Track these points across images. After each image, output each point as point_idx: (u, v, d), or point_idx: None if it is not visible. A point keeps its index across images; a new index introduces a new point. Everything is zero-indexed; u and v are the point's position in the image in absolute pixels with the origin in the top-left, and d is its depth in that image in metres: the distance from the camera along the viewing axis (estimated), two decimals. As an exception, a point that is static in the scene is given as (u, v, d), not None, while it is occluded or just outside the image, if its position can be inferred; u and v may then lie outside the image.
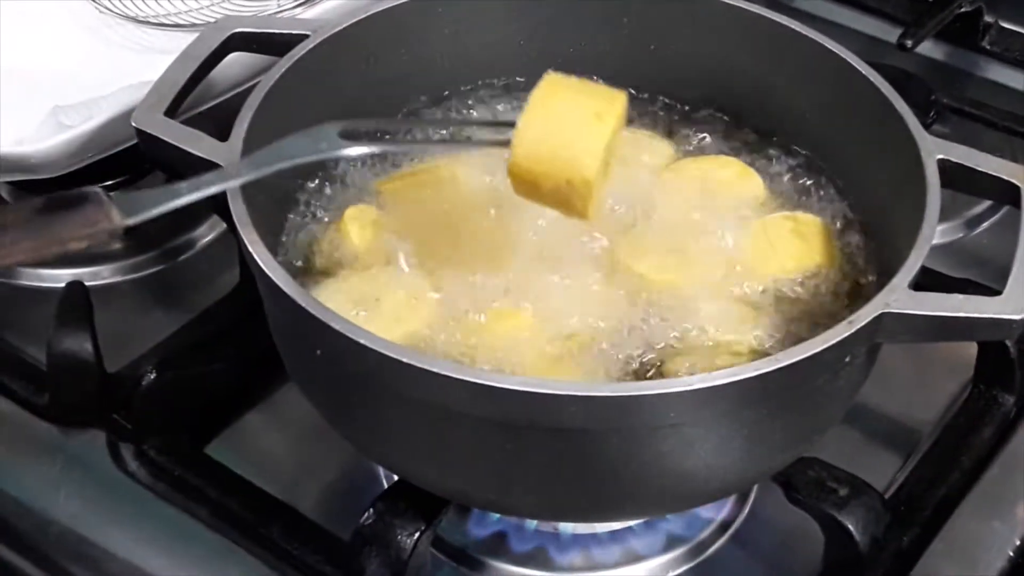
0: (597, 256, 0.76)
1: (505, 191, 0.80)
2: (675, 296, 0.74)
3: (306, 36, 0.79)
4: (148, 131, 0.74)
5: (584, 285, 0.75)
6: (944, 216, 0.70)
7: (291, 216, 0.79)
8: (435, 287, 0.74)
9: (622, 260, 0.76)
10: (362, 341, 0.62)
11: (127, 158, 0.88)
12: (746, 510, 0.80)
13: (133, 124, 0.75)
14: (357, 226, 0.77)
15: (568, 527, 0.77)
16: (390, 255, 0.76)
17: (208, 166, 0.71)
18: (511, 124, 0.68)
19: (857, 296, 0.74)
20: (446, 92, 0.86)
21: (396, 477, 0.73)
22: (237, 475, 0.80)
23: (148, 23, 0.98)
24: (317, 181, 0.81)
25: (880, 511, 0.73)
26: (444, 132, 0.84)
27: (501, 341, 0.71)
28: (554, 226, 0.77)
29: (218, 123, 0.76)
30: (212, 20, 0.95)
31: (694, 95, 0.86)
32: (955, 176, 0.72)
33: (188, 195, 0.66)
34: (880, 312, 0.64)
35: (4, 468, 0.81)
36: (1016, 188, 0.72)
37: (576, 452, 0.64)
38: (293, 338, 0.70)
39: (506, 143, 0.68)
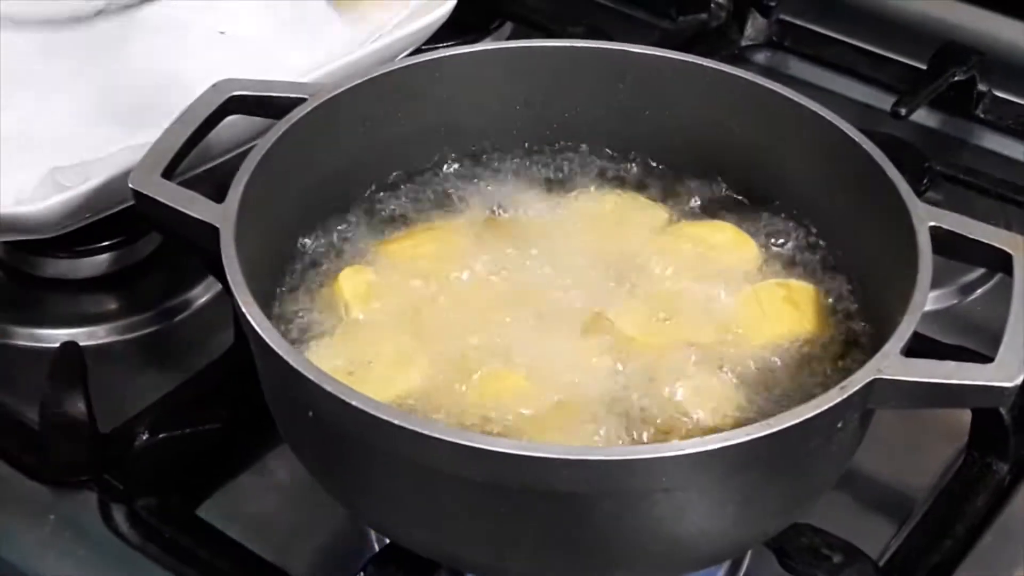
0: (590, 320, 0.76)
1: (500, 254, 0.80)
2: (665, 361, 0.74)
3: (303, 100, 0.79)
4: (145, 192, 0.75)
5: (576, 348, 0.75)
6: (937, 283, 0.70)
7: (286, 276, 0.79)
8: (428, 349, 0.74)
9: (614, 323, 0.76)
10: (354, 403, 0.62)
11: (124, 219, 0.88)
12: (739, 577, 0.79)
13: (130, 185, 0.75)
14: (351, 286, 0.78)
15: (559, 592, 0.77)
16: (383, 316, 0.76)
17: (204, 227, 0.71)
18: None
19: (849, 363, 0.74)
20: (441, 155, 0.87)
21: (387, 540, 0.73)
22: (229, 537, 0.79)
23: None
24: (313, 241, 0.81)
25: (874, 578, 0.73)
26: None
27: (493, 403, 0.71)
28: (547, 289, 0.77)
29: (215, 184, 0.77)
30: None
31: (689, 160, 0.86)
32: (948, 243, 0.73)
33: None
34: (872, 378, 0.64)
35: (-6, 528, 0.80)
36: (1008, 256, 0.72)
37: (568, 516, 0.64)
38: (285, 399, 0.70)
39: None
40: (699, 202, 0.85)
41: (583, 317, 0.76)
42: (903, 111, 1.07)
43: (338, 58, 0.96)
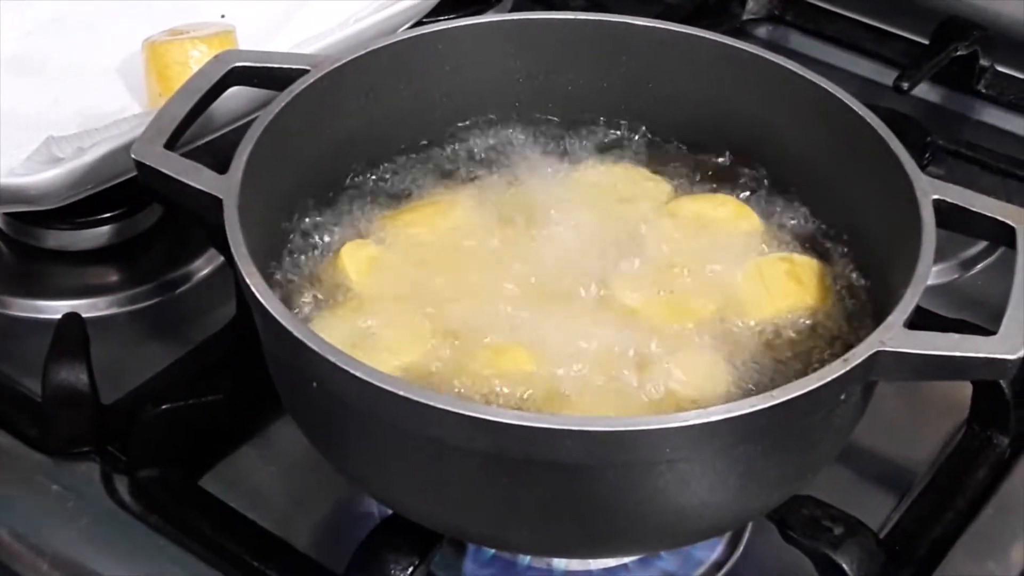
0: (593, 292, 0.76)
1: (503, 227, 0.80)
2: (667, 335, 0.74)
3: (306, 71, 0.79)
4: (147, 163, 0.75)
5: (579, 321, 0.75)
6: (939, 257, 0.70)
7: (290, 248, 0.79)
8: (431, 321, 0.74)
9: (617, 297, 0.76)
10: (358, 374, 0.62)
11: (126, 191, 0.88)
12: (740, 549, 0.79)
13: (133, 156, 0.75)
14: (354, 261, 0.78)
15: (562, 563, 0.77)
16: (387, 289, 0.76)
17: (207, 199, 0.71)
18: None
19: (851, 336, 0.74)
20: (444, 127, 0.87)
21: (390, 511, 0.73)
22: (231, 508, 0.80)
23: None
24: (316, 213, 0.81)
25: (875, 550, 0.73)
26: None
27: (495, 375, 0.71)
28: (551, 261, 0.77)
29: (218, 156, 0.77)
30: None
31: (691, 133, 0.86)
32: (951, 217, 0.73)
33: None
34: (875, 350, 0.64)
35: (-2, 499, 0.81)
36: (1011, 229, 0.72)
37: (571, 487, 0.64)
38: (289, 371, 0.70)
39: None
40: (701, 176, 0.85)
41: (586, 290, 0.76)
42: (905, 86, 1.07)
43: (340, 30, 0.96)
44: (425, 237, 0.80)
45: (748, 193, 0.84)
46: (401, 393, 0.61)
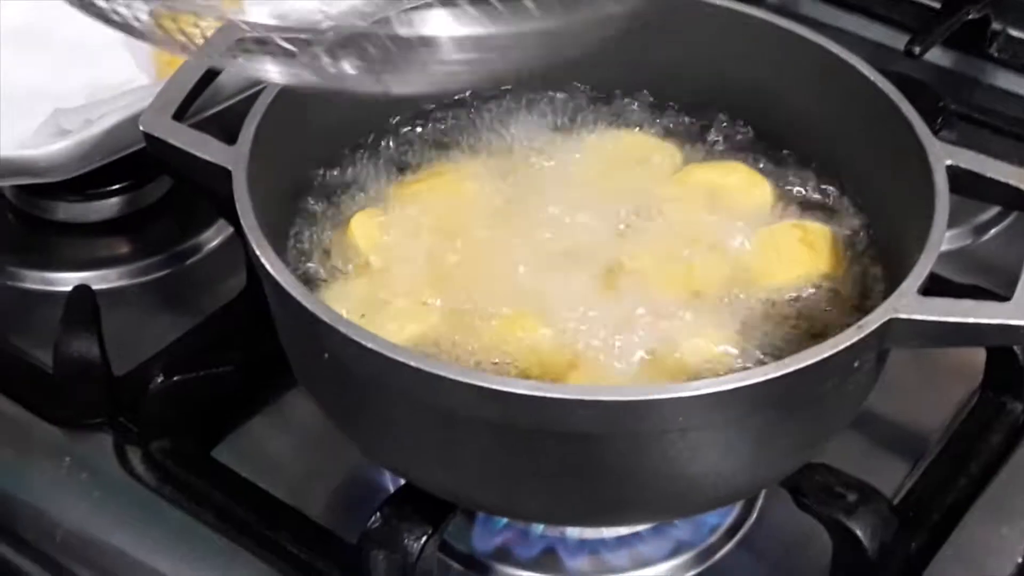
0: (603, 261, 0.76)
1: (513, 196, 0.80)
2: (678, 303, 0.73)
3: (315, 40, 0.79)
4: (156, 135, 0.74)
5: (589, 290, 0.74)
6: (952, 222, 0.69)
7: (299, 219, 0.79)
8: (442, 290, 0.74)
9: (627, 265, 0.76)
10: (369, 345, 0.62)
11: (135, 162, 0.88)
12: (754, 515, 0.79)
13: (141, 128, 0.75)
14: (364, 230, 0.77)
15: (575, 531, 0.77)
16: (397, 258, 0.76)
17: (216, 170, 0.71)
18: None
19: (864, 304, 0.74)
20: (452, 97, 0.86)
21: (403, 481, 0.73)
22: (244, 478, 0.80)
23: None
24: (326, 183, 0.81)
25: (888, 517, 0.73)
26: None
27: (506, 345, 0.71)
28: (561, 230, 0.77)
29: (228, 127, 0.76)
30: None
31: (702, 100, 0.86)
32: (964, 182, 0.72)
33: None
34: (889, 317, 0.64)
35: (10, 471, 0.80)
36: (1024, 194, 0.72)
37: (583, 456, 0.64)
38: (300, 341, 0.70)
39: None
40: (712, 143, 0.85)
41: (596, 259, 0.76)
42: (917, 50, 1.06)
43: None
44: (435, 206, 0.79)
45: (759, 160, 0.83)
46: (412, 364, 0.61)
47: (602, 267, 0.76)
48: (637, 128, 0.86)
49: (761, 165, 0.83)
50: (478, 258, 0.76)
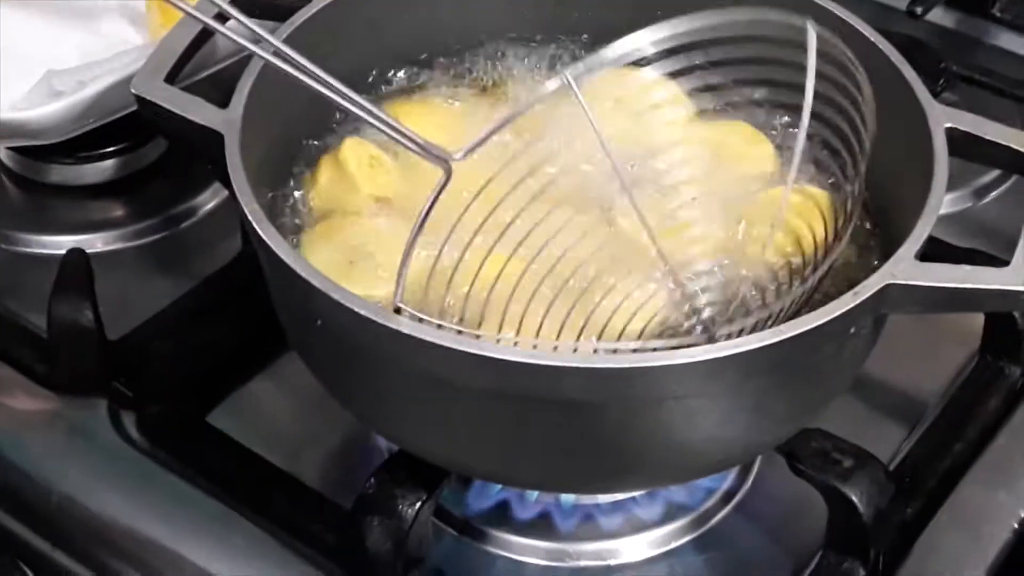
0: (598, 212, 0.74)
1: (511, 141, 0.79)
2: (675, 262, 0.72)
3: (308, 0, 0.78)
4: (148, 98, 0.74)
5: (582, 239, 0.73)
6: (951, 186, 0.69)
7: (293, 183, 0.78)
8: (429, 233, 0.72)
9: (625, 221, 0.75)
10: (362, 312, 0.61)
11: (129, 125, 0.88)
12: (749, 481, 0.79)
13: (132, 91, 0.74)
14: (355, 156, 0.77)
15: (570, 496, 0.77)
16: (386, 199, 0.75)
17: (208, 134, 0.70)
18: None
19: (862, 268, 0.74)
20: (452, 55, 0.85)
21: (397, 447, 0.73)
22: (239, 443, 0.80)
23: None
24: (320, 144, 0.80)
25: (884, 482, 0.73)
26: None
27: (494, 293, 0.70)
28: (558, 178, 0.76)
29: (219, 89, 0.75)
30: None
31: (704, 60, 0.85)
32: (964, 145, 0.72)
33: None
34: (886, 283, 0.63)
35: (5, 435, 0.80)
36: (1025, 157, 0.71)
37: (577, 423, 0.63)
38: (293, 308, 0.70)
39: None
40: (712, 103, 0.84)
41: (593, 213, 0.75)
42: (919, 10, 1.05)
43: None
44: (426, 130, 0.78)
45: (760, 118, 0.82)
46: (404, 331, 0.60)
47: (596, 216, 0.74)
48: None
49: (762, 125, 0.82)
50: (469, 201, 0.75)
